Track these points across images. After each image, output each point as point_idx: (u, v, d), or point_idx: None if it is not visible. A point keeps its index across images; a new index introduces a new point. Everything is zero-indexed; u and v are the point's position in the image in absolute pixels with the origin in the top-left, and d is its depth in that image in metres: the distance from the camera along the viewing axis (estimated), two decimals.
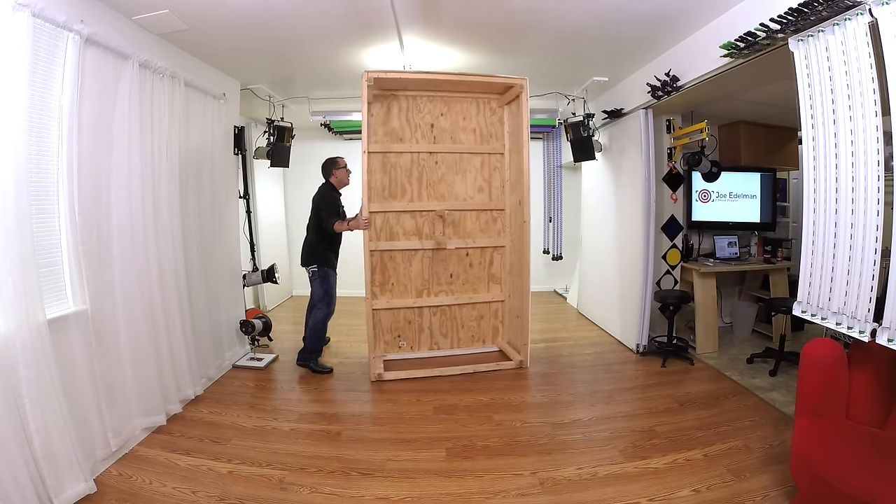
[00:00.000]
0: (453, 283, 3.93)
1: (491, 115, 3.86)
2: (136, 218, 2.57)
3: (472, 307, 3.98)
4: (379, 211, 3.73)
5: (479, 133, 3.86)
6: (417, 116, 3.78)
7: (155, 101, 2.73)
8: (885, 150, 1.76)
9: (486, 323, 4.04)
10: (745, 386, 3.20)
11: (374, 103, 3.70)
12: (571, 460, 2.34)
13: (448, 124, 3.81)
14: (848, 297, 1.89)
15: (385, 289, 3.85)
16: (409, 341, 3.93)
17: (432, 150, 3.81)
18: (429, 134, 3.81)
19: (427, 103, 3.78)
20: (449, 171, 3.84)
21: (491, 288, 3.99)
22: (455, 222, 3.87)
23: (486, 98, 3.81)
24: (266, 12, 2.63)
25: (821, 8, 1.89)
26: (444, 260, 3.89)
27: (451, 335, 4.00)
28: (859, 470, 1.61)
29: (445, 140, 3.82)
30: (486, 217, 3.92)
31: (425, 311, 3.94)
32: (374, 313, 3.64)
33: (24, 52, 1.83)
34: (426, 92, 3.73)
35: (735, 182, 4.38)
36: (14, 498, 1.73)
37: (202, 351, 3.24)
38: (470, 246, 3.90)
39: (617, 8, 2.64)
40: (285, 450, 2.47)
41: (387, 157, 3.76)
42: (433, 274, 3.90)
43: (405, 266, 3.85)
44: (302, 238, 3.74)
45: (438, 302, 3.92)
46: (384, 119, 3.75)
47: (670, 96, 3.25)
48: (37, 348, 1.86)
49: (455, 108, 3.81)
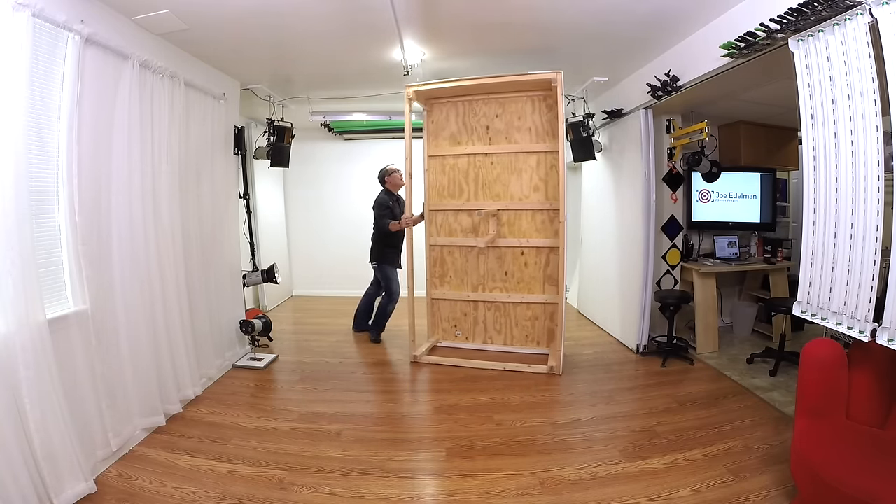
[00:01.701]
0: (508, 281, 3.95)
1: (548, 112, 3.73)
2: (136, 218, 2.57)
3: (526, 307, 3.95)
4: (438, 209, 4.03)
5: (535, 131, 3.80)
6: (473, 119, 3.90)
7: (155, 101, 2.73)
8: (885, 150, 1.76)
9: (541, 324, 3.94)
10: (745, 386, 3.20)
11: (433, 110, 3.98)
12: (571, 460, 2.34)
13: (503, 125, 3.85)
14: (848, 297, 1.89)
15: (444, 280, 4.11)
16: (464, 332, 4.09)
17: (487, 151, 3.89)
18: (484, 136, 3.90)
19: (482, 106, 3.85)
20: (504, 171, 3.88)
21: (546, 289, 3.88)
22: (510, 221, 3.89)
23: (541, 95, 3.73)
24: (266, 12, 2.63)
25: (821, 8, 1.89)
26: (500, 258, 3.94)
27: (505, 332, 4.03)
28: (859, 470, 1.61)
29: (500, 140, 3.87)
30: (542, 217, 3.83)
31: (480, 306, 4.05)
32: (432, 302, 4.15)
33: (24, 52, 1.84)
34: (481, 95, 3.79)
35: (735, 182, 4.38)
36: (14, 498, 1.73)
37: (202, 351, 3.24)
38: (524, 245, 3.87)
39: (617, 8, 2.64)
40: (285, 450, 2.46)
41: (445, 159, 3.98)
42: (488, 270, 3.99)
43: (462, 261, 4.01)
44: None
45: (493, 298, 4.00)
46: (443, 124, 3.97)
47: (670, 96, 3.25)
48: (37, 348, 1.86)
49: (510, 108, 3.81)
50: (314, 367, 3.72)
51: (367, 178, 6.30)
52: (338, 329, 4.82)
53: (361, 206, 6.34)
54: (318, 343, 4.34)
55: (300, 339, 4.55)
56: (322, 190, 6.38)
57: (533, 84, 3.56)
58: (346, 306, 5.78)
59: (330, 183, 6.36)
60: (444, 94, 3.77)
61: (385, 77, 3.88)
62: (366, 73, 3.85)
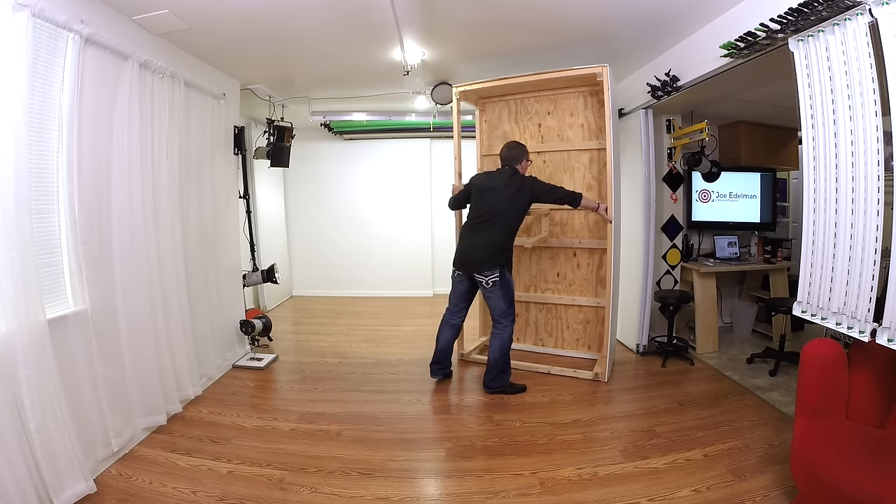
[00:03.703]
0: (560, 283, 3.86)
1: (600, 108, 3.54)
2: (136, 218, 2.57)
3: (578, 309, 3.85)
4: None
5: (588, 128, 3.68)
6: (525, 118, 3.83)
7: (155, 100, 2.73)
8: (885, 150, 1.76)
9: (593, 329, 3.82)
10: (745, 386, 3.20)
11: (486, 109, 3.94)
12: (571, 460, 2.34)
13: (555, 123, 3.75)
14: (848, 297, 1.89)
15: None
16: (515, 332, 3.87)
17: (540, 149, 3.80)
18: (536, 134, 3.82)
19: (534, 104, 3.78)
20: (557, 170, 3.78)
21: (598, 291, 3.73)
22: (563, 221, 3.81)
23: (593, 90, 3.58)
24: (266, 12, 2.63)
25: (821, 8, 1.89)
26: (552, 258, 3.87)
27: (556, 335, 3.95)
28: (859, 470, 1.61)
29: (552, 139, 3.78)
30: (594, 217, 3.67)
31: (532, 307, 3.98)
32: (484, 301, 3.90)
33: (24, 52, 1.83)
34: (532, 93, 3.72)
35: (735, 182, 4.38)
36: (14, 498, 1.73)
37: (202, 351, 3.24)
38: (577, 246, 3.77)
39: (617, 7, 2.64)
40: (285, 450, 2.47)
41: (497, 158, 3.78)
42: (540, 271, 3.92)
43: (515, 261, 3.76)
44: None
45: (544, 299, 3.92)
46: (496, 123, 3.93)
47: (670, 96, 3.25)
48: (37, 348, 1.86)
49: (562, 105, 3.72)
50: (314, 367, 3.72)
51: (368, 178, 6.35)
52: (337, 329, 4.83)
53: (362, 206, 6.38)
54: (318, 343, 4.34)
55: (300, 339, 4.55)
56: (322, 190, 6.38)
57: (581, 79, 3.40)
58: (347, 306, 5.80)
59: (330, 183, 6.37)
60: (491, 92, 3.72)
61: (385, 77, 3.88)
62: (366, 73, 3.85)
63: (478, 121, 3.98)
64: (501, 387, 3.10)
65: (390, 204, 6.31)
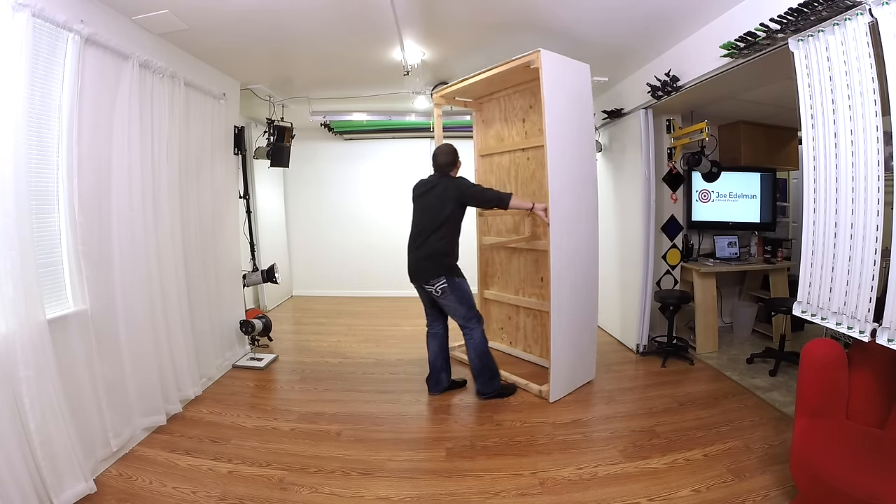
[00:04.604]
0: (544, 288, 3.49)
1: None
2: (136, 218, 2.57)
3: None
4: None
5: None
6: (512, 115, 3.69)
7: (155, 101, 2.73)
8: (885, 150, 1.76)
9: None
10: (745, 386, 3.20)
11: (482, 109, 3.92)
12: (571, 460, 2.34)
13: (537, 117, 3.45)
14: (848, 297, 1.89)
15: (493, 280, 4.04)
16: (509, 336, 3.93)
17: (524, 146, 3.59)
18: (521, 130, 3.63)
19: (518, 99, 3.60)
20: (539, 168, 3.46)
21: None
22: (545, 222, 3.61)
23: None
24: (266, 12, 2.63)
25: (821, 8, 1.89)
26: (536, 261, 3.59)
27: (542, 344, 3.63)
28: (859, 470, 1.61)
29: (535, 134, 3.48)
30: None
31: (521, 311, 3.84)
32: (485, 302, 4.04)
33: (24, 52, 1.83)
34: (516, 87, 3.54)
35: (735, 182, 4.38)
36: (14, 498, 1.73)
37: (202, 351, 3.25)
38: None
39: (617, 8, 2.64)
40: (285, 450, 2.47)
41: (492, 158, 3.87)
42: (527, 275, 3.71)
43: (506, 262, 3.85)
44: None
45: (530, 304, 3.69)
46: (491, 122, 3.87)
47: (670, 96, 3.25)
48: (37, 348, 1.87)
49: (540, 98, 3.40)
50: (314, 367, 3.72)
51: (368, 177, 6.35)
52: (337, 329, 4.83)
53: (362, 206, 6.38)
54: (318, 343, 4.34)
55: (300, 339, 4.55)
56: (322, 190, 6.38)
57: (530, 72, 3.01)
58: (347, 306, 5.80)
59: (330, 183, 6.37)
60: (467, 93, 3.68)
61: (385, 77, 3.88)
62: (366, 73, 3.85)
63: (475, 121, 3.99)
64: (494, 391, 3.06)
65: (390, 204, 6.30)
